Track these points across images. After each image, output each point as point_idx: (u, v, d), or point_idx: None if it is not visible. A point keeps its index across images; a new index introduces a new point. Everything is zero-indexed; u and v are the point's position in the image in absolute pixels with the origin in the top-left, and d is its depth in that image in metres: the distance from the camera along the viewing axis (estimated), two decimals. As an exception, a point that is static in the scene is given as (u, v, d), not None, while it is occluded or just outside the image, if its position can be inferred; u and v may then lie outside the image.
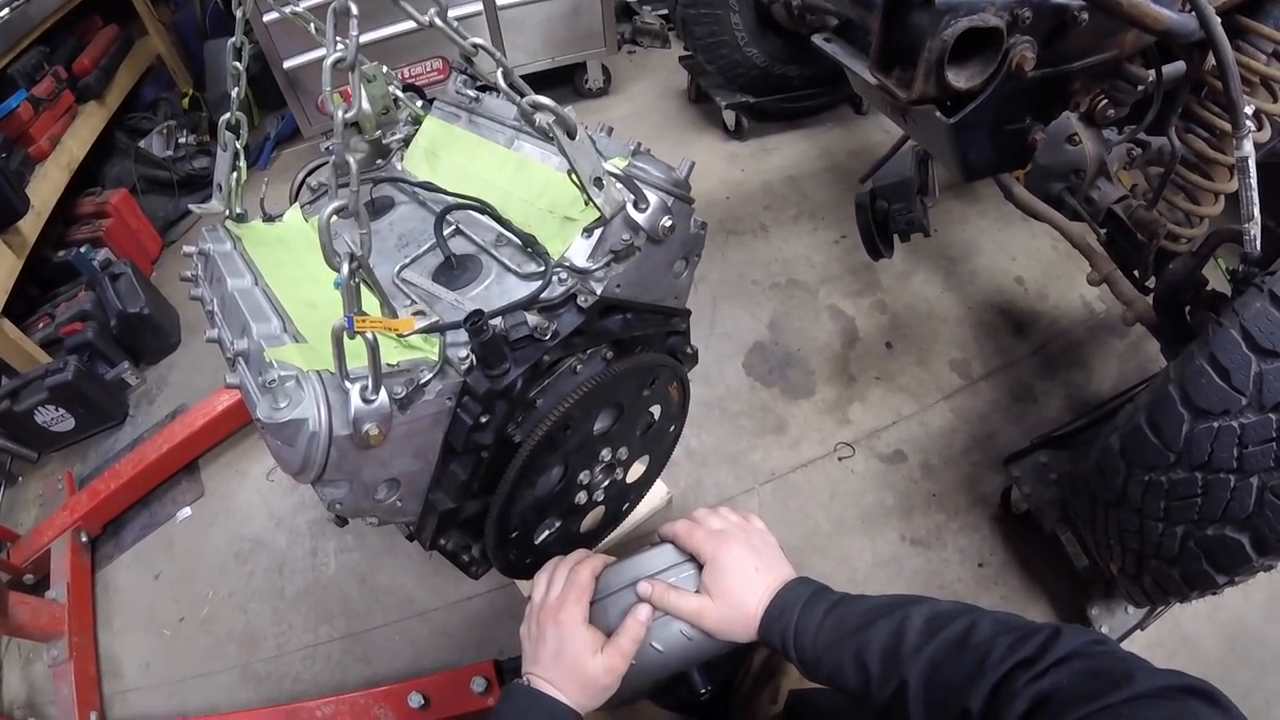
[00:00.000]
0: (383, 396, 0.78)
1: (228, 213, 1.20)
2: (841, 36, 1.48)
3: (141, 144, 3.17)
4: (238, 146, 1.15)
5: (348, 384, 0.76)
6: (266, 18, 2.62)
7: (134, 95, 3.30)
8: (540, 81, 3.28)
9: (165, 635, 1.82)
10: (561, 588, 0.88)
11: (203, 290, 1.13)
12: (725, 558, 0.86)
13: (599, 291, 0.90)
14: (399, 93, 1.31)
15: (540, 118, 0.78)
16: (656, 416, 1.15)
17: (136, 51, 3.32)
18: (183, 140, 3.19)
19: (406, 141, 1.33)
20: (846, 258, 2.43)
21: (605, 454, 1.08)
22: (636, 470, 1.22)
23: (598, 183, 0.84)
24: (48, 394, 2.15)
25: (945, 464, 1.87)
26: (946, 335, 2.17)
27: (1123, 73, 1.32)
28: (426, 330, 0.83)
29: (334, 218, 0.69)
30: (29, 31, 2.62)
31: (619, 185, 0.87)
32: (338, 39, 0.79)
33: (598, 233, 0.90)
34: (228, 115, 1.13)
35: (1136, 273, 1.49)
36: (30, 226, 2.32)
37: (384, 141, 1.34)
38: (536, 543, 1.11)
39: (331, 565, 1.84)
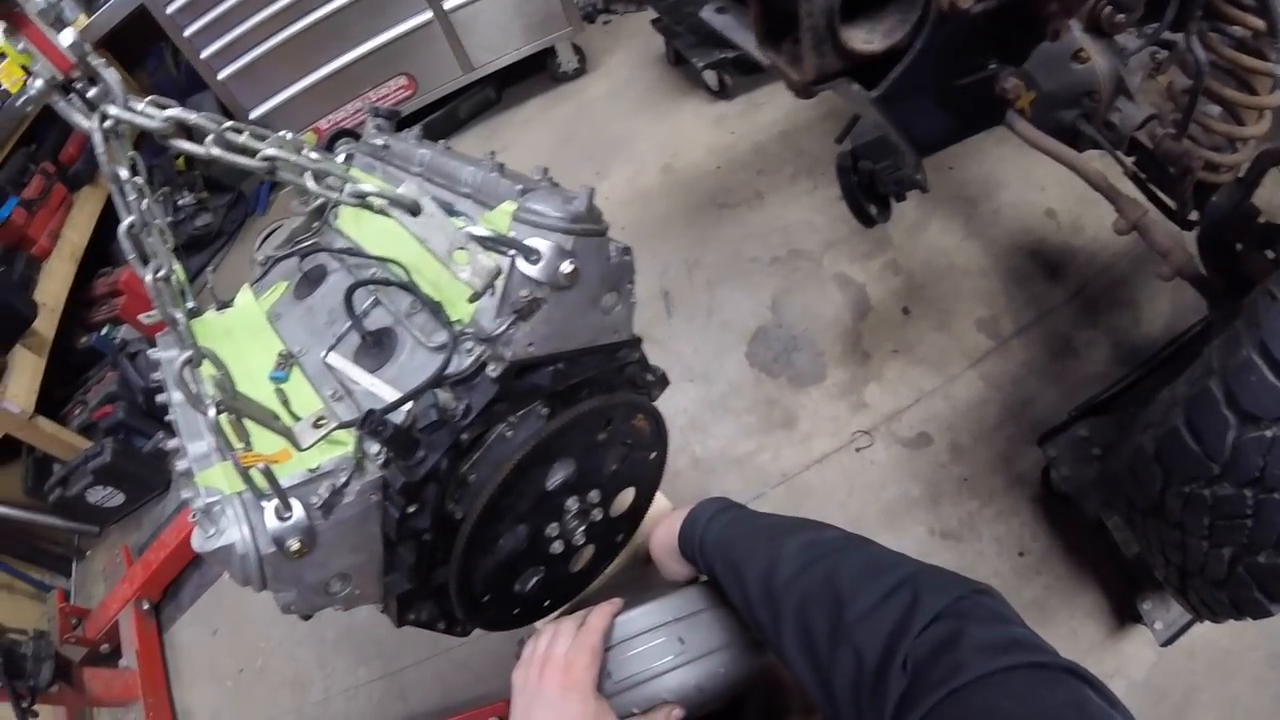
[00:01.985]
0: (298, 510, 0.77)
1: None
2: (740, 2, 1.22)
3: (142, 214, 3.25)
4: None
5: (262, 504, 0.76)
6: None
7: (128, 167, 3.36)
8: (513, 73, 3.20)
9: (228, 686, 1.94)
10: (571, 643, 0.88)
11: (166, 397, 1.14)
12: None
13: (508, 356, 0.85)
14: (313, 158, 1.27)
15: (375, 202, 0.74)
16: (631, 450, 1.09)
17: (122, 123, 3.38)
18: (181, 202, 3.27)
19: (342, 198, 1.30)
20: (852, 216, 2.27)
21: (571, 503, 1.04)
22: (624, 501, 1.17)
23: (462, 253, 0.79)
24: (92, 477, 2.30)
25: (976, 442, 1.67)
26: (970, 290, 1.92)
27: None
28: (317, 442, 0.81)
29: (187, 367, 0.67)
30: (7, 138, 2.68)
31: (485, 251, 0.79)
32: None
33: (500, 290, 0.86)
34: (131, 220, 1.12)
35: (1176, 211, 1.23)
36: (46, 325, 2.43)
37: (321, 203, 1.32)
38: (526, 590, 1.08)
39: (362, 609, 1.89)
